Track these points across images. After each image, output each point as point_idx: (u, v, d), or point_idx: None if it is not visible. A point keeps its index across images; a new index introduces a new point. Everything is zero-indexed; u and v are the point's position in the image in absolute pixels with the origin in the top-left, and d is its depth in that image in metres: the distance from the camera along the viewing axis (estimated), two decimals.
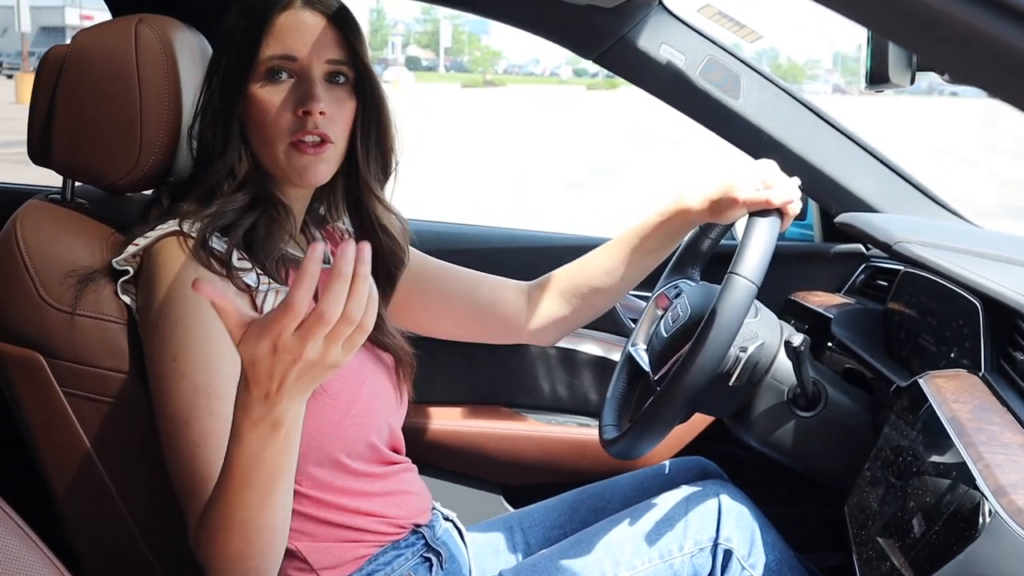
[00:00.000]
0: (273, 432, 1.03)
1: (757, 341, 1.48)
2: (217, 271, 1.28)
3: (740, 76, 1.77)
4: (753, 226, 1.43)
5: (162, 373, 1.26)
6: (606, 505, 1.69)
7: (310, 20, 1.36)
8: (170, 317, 1.26)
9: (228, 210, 1.33)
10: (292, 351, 0.95)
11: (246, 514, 1.10)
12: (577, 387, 2.10)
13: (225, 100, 1.36)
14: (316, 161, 1.36)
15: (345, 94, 1.38)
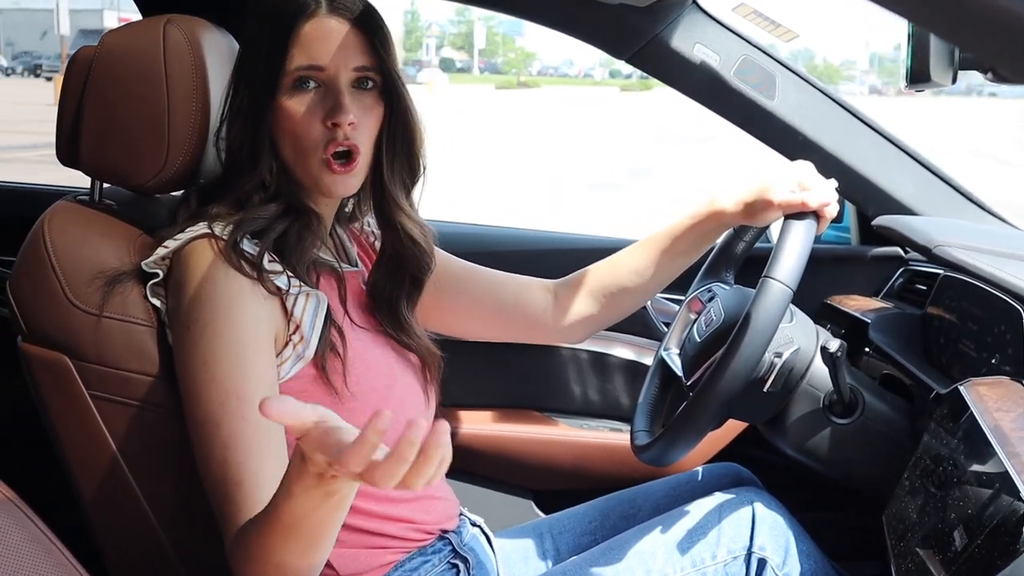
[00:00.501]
0: (326, 499, 0.99)
1: (792, 346, 1.45)
2: (248, 273, 1.27)
3: (775, 76, 1.74)
4: (788, 229, 1.41)
5: (192, 376, 1.25)
6: (637, 512, 1.67)
7: (335, 27, 1.34)
8: (200, 319, 1.25)
9: (261, 216, 1.33)
10: (346, 468, 0.89)
11: (285, 557, 1.09)
12: (609, 391, 2.08)
13: (253, 111, 1.34)
14: (347, 178, 1.35)
15: (372, 100, 1.36)
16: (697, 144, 18.60)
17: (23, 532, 0.99)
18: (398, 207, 1.43)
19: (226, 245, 1.28)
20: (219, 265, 1.27)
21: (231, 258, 1.26)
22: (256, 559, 1.11)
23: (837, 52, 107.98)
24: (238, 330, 1.25)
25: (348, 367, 1.33)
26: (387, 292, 1.47)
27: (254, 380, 1.24)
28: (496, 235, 2.32)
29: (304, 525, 1.04)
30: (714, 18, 1.72)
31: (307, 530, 1.05)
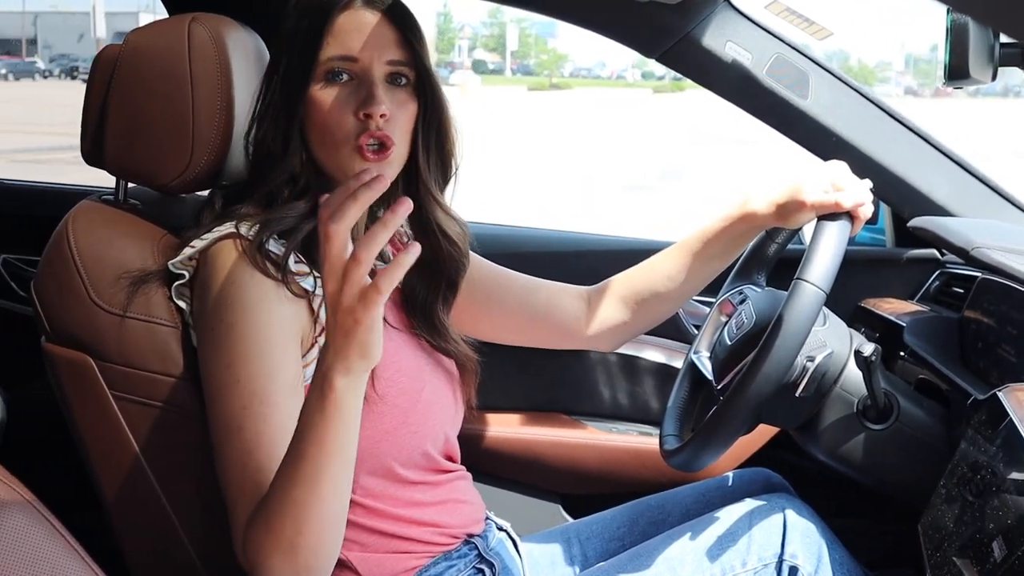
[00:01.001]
0: (323, 395, 1.06)
1: (825, 350, 1.43)
2: (272, 275, 1.25)
3: (809, 75, 1.71)
4: (822, 230, 1.38)
5: (216, 378, 1.24)
6: (666, 517, 1.65)
7: (371, 20, 1.33)
8: (225, 321, 1.24)
9: (288, 216, 1.31)
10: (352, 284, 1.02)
11: (296, 492, 1.10)
12: (638, 395, 2.06)
13: (285, 102, 1.33)
14: (380, 166, 1.33)
15: (406, 96, 1.35)
16: (731, 146, 18.52)
17: (42, 532, 0.99)
18: (436, 203, 1.42)
19: (251, 246, 1.26)
20: (244, 266, 1.25)
21: (255, 259, 1.25)
22: (271, 513, 1.12)
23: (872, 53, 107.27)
24: (262, 332, 1.23)
25: (377, 370, 1.31)
26: (423, 297, 1.45)
27: (278, 383, 1.23)
28: (527, 236, 2.30)
29: (306, 439, 1.09)
30: (746, 16, 1.69)
31: (309, 446, 1.09)
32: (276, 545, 1.12)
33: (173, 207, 1.46)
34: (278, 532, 1.12)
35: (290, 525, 1.11)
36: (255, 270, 1.25)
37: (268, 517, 1.13)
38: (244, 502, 1.19)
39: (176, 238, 1.37)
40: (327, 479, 1.10)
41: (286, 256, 1.27)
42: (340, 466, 1.11)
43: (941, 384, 1.54)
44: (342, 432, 1.09)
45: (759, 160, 15.68)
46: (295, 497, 1.10)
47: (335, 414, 1.07)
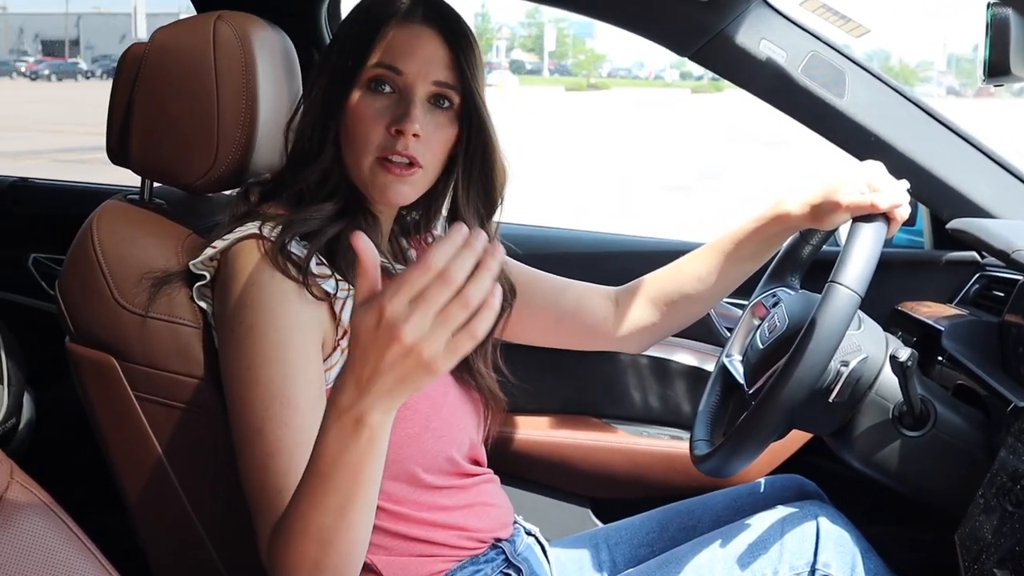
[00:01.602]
0: (356, 430, 0.97)
1: (860, 355, 1.40)
2: (293, 277, 1.24)
3: (845, 73, 1.68)
4: (857, 232, 1.36)
5: (237, 380, 1.22)
6: (696, 524, 1.62)
7: (425, 36, 1.31)
8: (245, 322, 1.23)
9: (314, 217, 1.30)
10: (396, 325, 0.89)
11: (324, 520, 1.05)
12: (670, 398, 2.03)
13: (326, 104, 1.32)
14: (401, 183, 1.31)
15: (447, 120, 1.33)
16: (769, 147, 18.41)
17: (59, 535, 0.98)
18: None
19: (272, 247, 1.25)
20: (264, 267, 1.24)
21: (276, 261, 1.24)
22: (294, 538, 1.08)
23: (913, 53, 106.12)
24: (283, 334, 1.22)
25: None
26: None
27: (299, 386, 1.21)
28: (558, 237, 2.28)
29: (336, 473, 1.00)
30: (781, 13, 1.66)
31: (340, 481, 1.01)
32: (300, 565, 1.09)
33: (199, 206, 1.46)
34: (302, 553, 1.08)
35: (314, 547, 1.07)
36: (275, 271, 1.24)
37: (291, 537, 1.09)
38: (267, 506, 1.17)
39: (201, 238, 1.36)
40: (355, 508, 1.05)
41: (308, 258, 1.25)
42: (371, 494, 1.06)
43: (980, 390, 1.51)
44: (375, 462, 1.02)
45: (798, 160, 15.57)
46: (321, 523, 1.05)
47: (369, 448, 0.99)
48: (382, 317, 0.89)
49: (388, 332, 0.89)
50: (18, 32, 66.04)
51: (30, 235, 2.36)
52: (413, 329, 0.89)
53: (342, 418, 0.97)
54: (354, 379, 0.94)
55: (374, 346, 0.91)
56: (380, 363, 0.91)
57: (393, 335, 0.89)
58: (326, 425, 0.99)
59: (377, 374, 0.92)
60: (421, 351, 0.89)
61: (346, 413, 0.96)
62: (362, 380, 0.93)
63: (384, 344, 0.90)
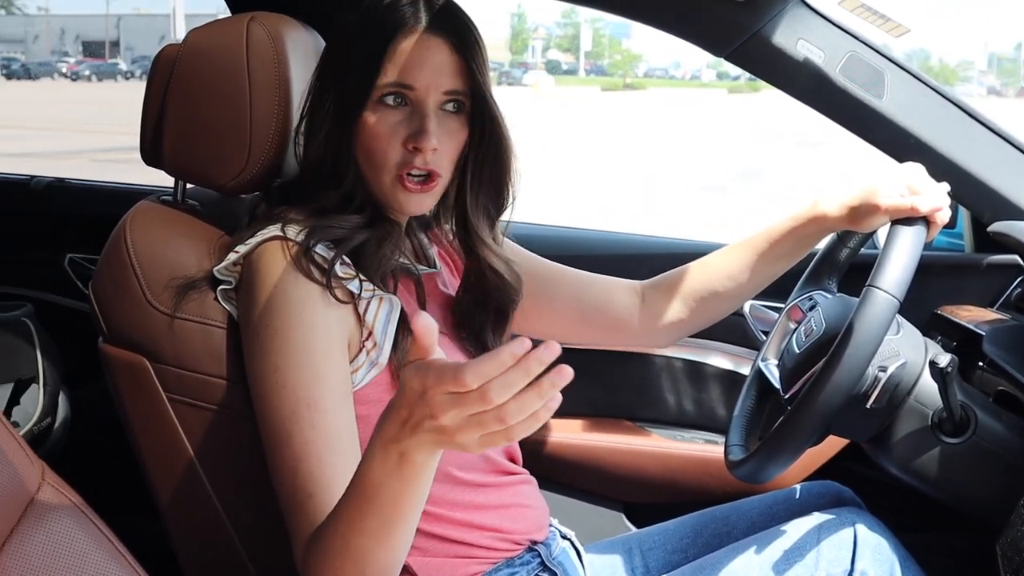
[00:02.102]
0: (400, 463, 0.97)
1: (899, 360, 1.37)
2: (317, 279, 1.23)
3: (884, 73, 1.65)
4: (896, 235, 1.33)
5: (263, 383, 1.22)
6: (731, 530, 1.60)
7: (433, 47, 1.29)
8: (271, 325, 1.23)
9: (340, 226, 1.29)
10: (434, 407, 0.89)
11: (363, 541, 1.05)
12: (704, 401, 2.01)
13: (338, 124, 1.31)
14: (422, 197, 1.31)
15: (459, 124, 1.32)
16: (807, 147, 18.27)
17: (88, 537, 0.99)
18: (480, 240, 1.39)
19: (298, 250, 1.24)
20: (288, 270, 1.24)
21: (300, 263, 1.23)
22: (333, 554, 1.08)
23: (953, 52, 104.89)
24: (309, 336, 1.22)
25: None
26: (472, 317, 1.43)
27: (326, 388, 1.21)
28: (586, 238, 2.27)
29: (378, 499, 1.00)
30: (819, 13, 1.63)
31: (381, 507, 1.01)
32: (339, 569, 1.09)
33: (231, 207, 1.45)
34: (339, 569, 1.08)
35: (351, 566, 1.07)
36: (300, 274, 1.23)
37: (329, 554, 1.08)
38: (299, 510, 1.17)
39: (232, 239, 1.36)
40: (396, 532, 1.05)
41: (333, 261, 1.25)
42: (411, 520, 1.05)
43: (1022, 396, 1.48)
44: (419, 492, 1.02)
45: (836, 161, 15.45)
46: (360, 543, 1.05)
47: (412, 480, 0.99)
48: (425, 395, 0.90)
49: (428, 407, 0.90)
50: (60, 33, 66.86)
51: (66, 235, 2.38)
52: (449, 418, 0.89)
53: (387, 448, 0.97)
54: (399, 420, 0.94)
55: (416, 408, 0.92)
56: (420, 423, 0.92)
57: (432, 413, 0.90)
58: (371, 451, 0.99)
59: (416, 429, 0.93)
60: (454, 435, 0.90)
61: (391, 445, 0.96)
62: (406, 425, 0.94)
63: (423, 414, 0.91)
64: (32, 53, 60.79)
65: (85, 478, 1.14)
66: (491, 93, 1.33)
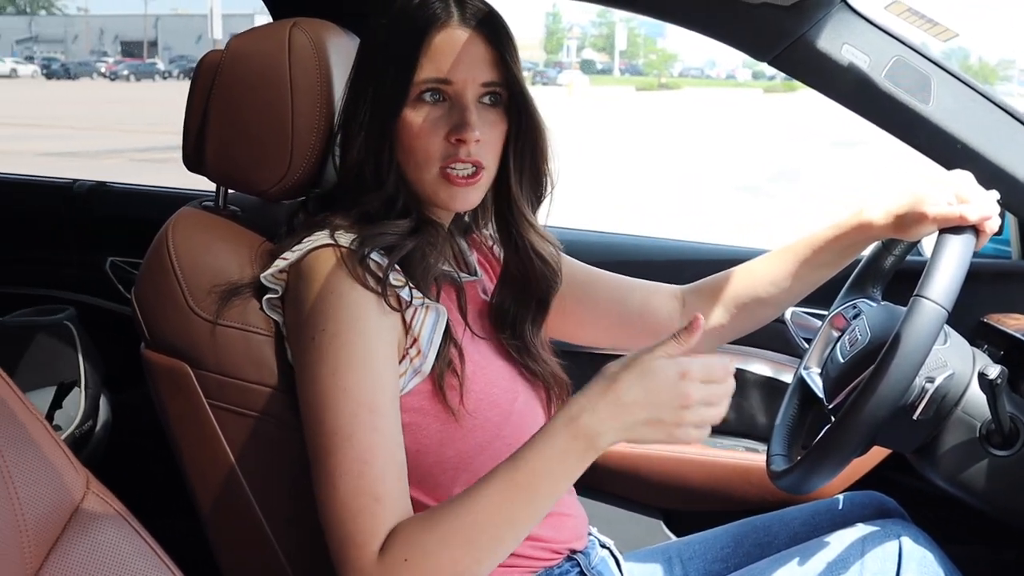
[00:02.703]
0: (586, 450, 1.10)
1: (946, 371, 1.35)
2: (372, 288, 1.23)
3: (931, 78, 1.62)
4: (944, 244, 1.31)
5: (321, 387, 1.20)
6: (772, 540, 1.58)
7: (466, 39, 1.28)
8: (328, 330, 1.21)
9: (390, 232, 1.28)
10: (688, 394, 1.08)
11: (494, 530, 1.12)
12: (744, 409, 2.00)
13: (377, 125, 1.30)
14: (468, 191, 1.30)
15: (497, 116, 1.31)
16: (843, 148, 18.14)
17: (132, 546, 0.99)
18: (527, 223, 1.38)
19: (353, 258, 1.23)
20: (344, 276, 1.22)
21: (356, 271, 1.22)
22: (445, 541, 1.11)
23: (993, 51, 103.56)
24: (368, 340, 1.21)
25: (466, 384, 1.28)
26: (512, 313, 1.42)
27: (385, 392, 1.20)
28: (626, 244, 2.25)
29: (535, 483, 1.11)
30: (864, 17, 1.60)
31: (535, 491, 1.11)
32: (439, 573, 1.12)
33: (272, 213, 1.45)
34: (449, 559, 1.11)
35: (464, 555, 1.12)
36: (355, 281, 1.22)
37: (438, 545, 1.11)
38: (363, 513, 1.15)
39: (274, 245, 1.36)
40: (529, 522, 1.14)
41: (387, 270, 1.24)
42: (545, 512, 1.15)
43: None
44: (570, 483, 1.14)
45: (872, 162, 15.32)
46: (490, 532, 1.12)
47: (578, 468, 1.12)
48: (685, 378, 1.07)
49: (682, 392, 1.08)
50: (99, 34, 67.59)
51: (107, 239, 2.39)
52: (698, 402, 1.08)
53: (577, 438, 1.09)
54: (614, 406, 1.08)
55: (663, 392, 1.08)
56: (655, 406, 1.08)
57: (685, 398, 1.08)
58: (548, 440, 1.10)
59: (642, 411, 1.08)
60: (687, 419, 1.08)
61: (583, 433, 1.09)
62: (623, 410, 1.08)
63: (673, 397, 1.07)
64: (72, 53, 61.52)
65: (125, 482, 1.14)
66: (525, 84, 1.33)
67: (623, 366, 1.10)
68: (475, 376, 1.30)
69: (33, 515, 0.91)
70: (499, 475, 1.12)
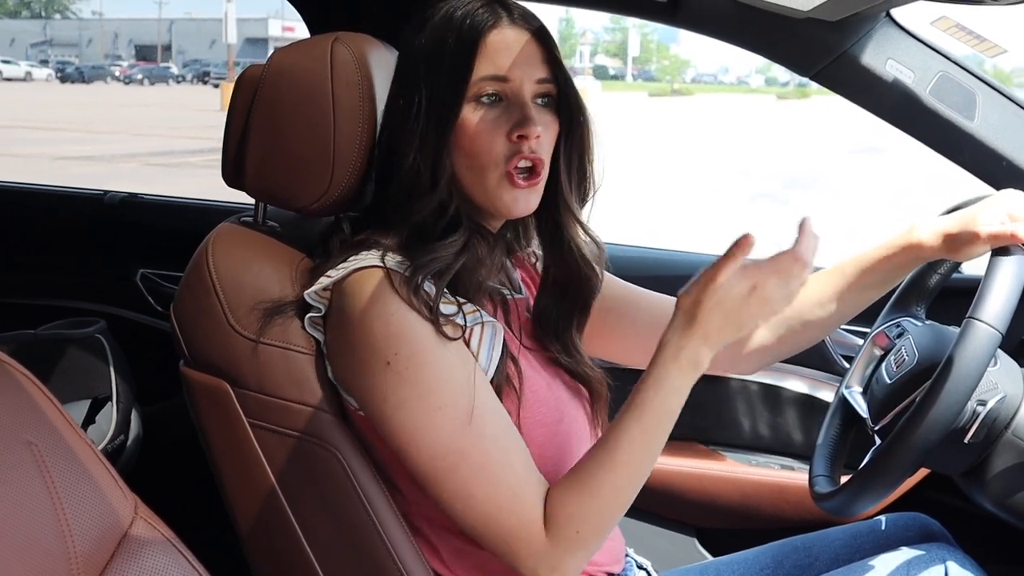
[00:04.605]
0: (693, 378, 1.19)
1: (998, 394, 1.33)
2: (427, 318, 1.21)
3: (976, 94, 1.60)
4: (997, 265, 1.29)
5: (413, 411, 1.19)
6: (814, 561, 1.56)
7: (519, 38, 1.28)
8: (402, 352, 1.19)
9: (442, 255, 1.25)
10: (768, 293, 1.17)
11: (637, 468, 1.21)
12: (780, 426, 1.97)
13: (435, 128, 1.27)
14: (528, 194, 1.28)
15: (551, 116, 1.30)
16: (859, 155, 18.09)
17: (181, 572, 0.98)
18: (576, 222, 1.37)
19: (406, 286, 1.21)
20: (400, 301, 1.20)
21: (412, 301, 1.20)
22: (601, 499, 1.19)
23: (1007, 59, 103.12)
24: (442, 354, 1.20)
25: (523, 399, 1.27)
26: (554, 318, 1.40)
27: (476, 393, 1.20)
28: (660, 258, 2.23)
29: (658, 419, 1.19)
30: (909, 32, 1.59)
31: (659, 428, 1.20)
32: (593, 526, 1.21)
33: (311, 228, 1.44)
34: (609, 516, 1.22)
35: (619, 501, 1.22)
36: (409, 309, 1.20)
37: (596, 510, 1.20)
38: (510, 513, 1.19)
39: (314, 262, 1.34)
40: (652, 461, 1.23)
41: (437, 298, 1.22)
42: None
43: None
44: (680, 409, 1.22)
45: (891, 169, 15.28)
46: (634, 472, 1.21)
47: (688, 390, 1.20)
48: (756, 288, 1.16)
49: (760, 296, 1.17)
50: (113, 37, 67.88)
51: (138, 250, 2.39)
52: (776, 292, 1.18)
53: (683, 368, 1.18)
54: (703, 335, 1.17)
55: (743, 309, 1.17)
56: (736, 319, 1.17)
57: (764, 299, 1.17)
58: (665, 376, 1.18)
59: (725, 329, 1.17)
60: (774, 305, 1.18)
61: (688, 363, 1.18)
62: (711, 335, 1.17)
63: (755, 305, 1.17)
64: (86, 57, 61.83)
65: (156, 495, 1.12)
66: (574, 82, 1.33)
67: (694, 301, 1.17)
68: (525, 392, 1.28)
69: (83, 543, 0.90)
70: (626, 425, 1.19)
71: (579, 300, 1.41)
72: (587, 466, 1.21)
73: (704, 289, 1.17)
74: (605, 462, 1.20)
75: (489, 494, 1.18)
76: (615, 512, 1.22)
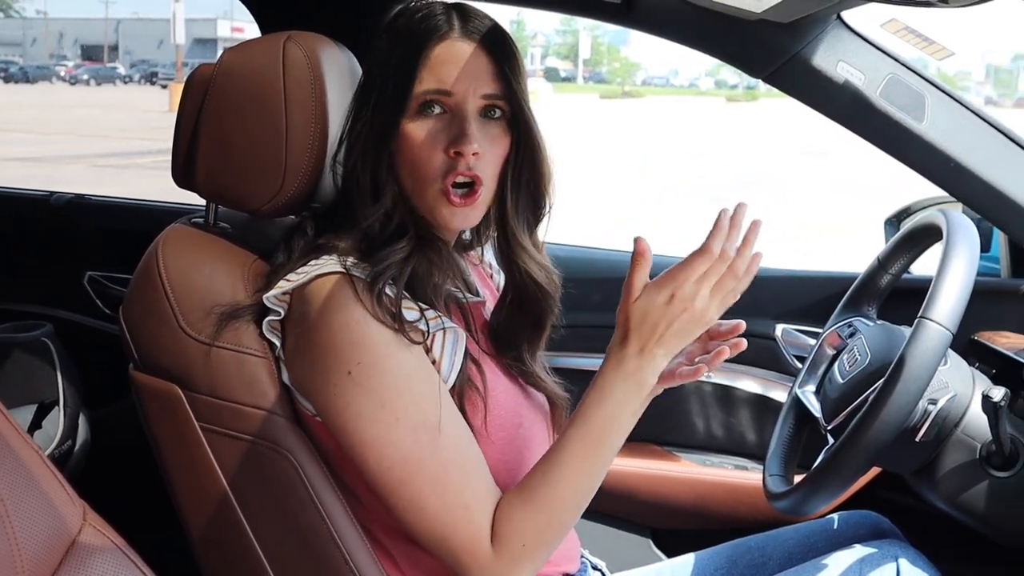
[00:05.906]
0: (638, 391, 1.18)
1: (948, 393, 1.35)
2: (391, 326, 1.19)
3: (925, 96, 1.62)
4: (948, 265, 1.30)
5: (373, 422, 1.18)
6: (767, 561, 1.57)
7: (467, 51, 1.25)
8: (364, 362, 1.18)
9: (393, 261, 1.24)
10: (686, 299, 1.14)
11: (582, 483, 1.20)
12: (733, 426, 1.99)
13: (376, 136, 1.26)
14: (467, 211, 1.27)
15: (499, 131, 1.28)
16: (807, 157, 18.27)
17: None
18: (521, 247, 1.34)
19: (369, 294, 1.19)
20: (363, 310, 1.18)
21: (376, 311, 1.18)
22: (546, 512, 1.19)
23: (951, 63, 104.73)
24: (404, 363, 1.19)
25: (485, 403, 1.26)
26: (510, 335, 1.39)
27: (436, 404, 1.19)
28: (609, 259, 2.23)
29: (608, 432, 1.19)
30: (860, 35, 1.60)
31: (608, 440, 1.19)
32: (524, 536, 1.19)
33: (265, 230, 1.42)
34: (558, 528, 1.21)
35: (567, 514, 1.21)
36: (372, 318, 1.18)
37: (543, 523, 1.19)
38: (460, 525, 1.18)
39: (266, 264, 1.32)
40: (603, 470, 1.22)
41: (398, 304, 1.20)
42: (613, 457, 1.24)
43: None
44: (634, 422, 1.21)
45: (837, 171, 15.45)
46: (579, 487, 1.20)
47: (640, 406, 1.20)
48: (674, 296, 1.14)
49: (681, 305, 1.14)
50: (58, 37, 66.84)
51: (85, 252, 2.35)
52: (700, 300, 1.14)
53: (627, 381, 1.17)
54: (637, 348, 1.16)
55: (664, 317, 1.14)
56: (668, 329, 1.15)
57: (685, 307, 1.14)
58: (606, 390, 1.18)
59: (662, 339, 1.15)
60: (704, 313, 1.15)
61: (631, 377, 1.17)
62: (647, 347, 1.16)
63: (676, 314, 1.14)
64: (30, 56, 60.79)
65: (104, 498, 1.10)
66: (527, 99, 1.30)
67: (624, 314, 1.17)
68: (489, 392, 1.27)
69: (30, 551, 0.88)
70: (572, 439, 1.19)
71: (533, 319, 1.40)
72: (533, 480, 1.21)
73: (625, 302, 1.17)
74: (550, 476, 1.19)
75: (441, 505, 1.18)
76: (562, 525, 1.21)
